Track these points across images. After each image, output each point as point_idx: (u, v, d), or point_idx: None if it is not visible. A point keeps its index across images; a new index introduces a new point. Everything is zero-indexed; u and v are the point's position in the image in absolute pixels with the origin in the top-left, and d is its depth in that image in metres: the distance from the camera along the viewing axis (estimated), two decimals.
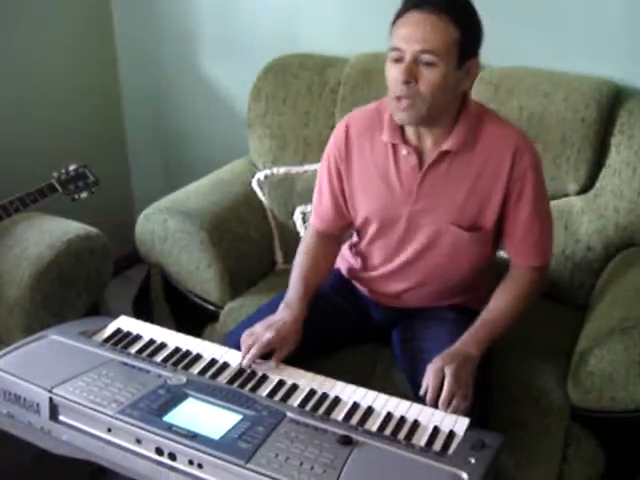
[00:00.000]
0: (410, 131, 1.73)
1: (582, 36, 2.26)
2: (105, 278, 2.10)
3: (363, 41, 2.46)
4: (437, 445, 1.41)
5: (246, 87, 2.56)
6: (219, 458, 1.32)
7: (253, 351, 1.64)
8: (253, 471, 1.29)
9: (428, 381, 1.55)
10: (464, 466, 1.34)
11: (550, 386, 1.81)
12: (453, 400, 1.52)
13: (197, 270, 2.15)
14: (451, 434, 1.45)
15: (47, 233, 2.04)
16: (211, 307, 2.18)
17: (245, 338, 1.68)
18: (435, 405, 1.53)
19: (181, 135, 3.05)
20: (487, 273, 1.89)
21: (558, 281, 2.15)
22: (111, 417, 1.41)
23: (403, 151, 1.74)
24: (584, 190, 2.14)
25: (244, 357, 1.64)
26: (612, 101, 2.11)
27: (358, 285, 1.97)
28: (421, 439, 1.43)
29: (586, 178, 2.12)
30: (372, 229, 1.84)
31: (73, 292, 2.01)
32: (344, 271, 1.99)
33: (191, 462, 1.35)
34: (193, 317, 2.21)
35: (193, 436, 1.36)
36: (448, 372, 1.54)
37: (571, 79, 2.16)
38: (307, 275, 1.83)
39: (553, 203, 2.14)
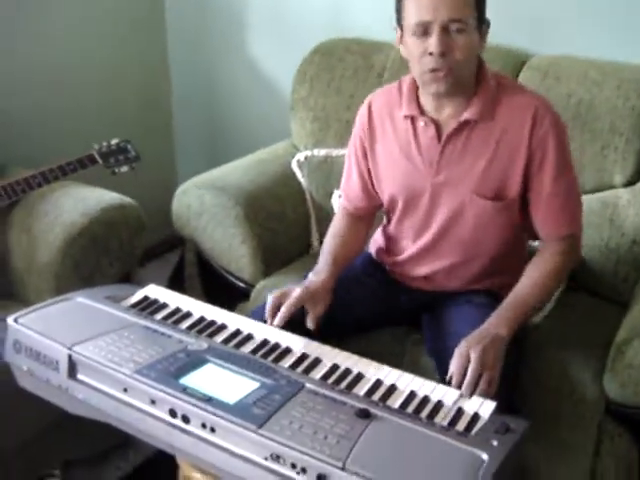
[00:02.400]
0: (428, 103, 1.73)
1: (634, 26, 2.19)
2: (138, 249, 2.10)
3: None
4: (460, 426, 1.36)
5: (293, 70, 2.56)
6: (232, 422, 1.29)
7: (284, 309, 1.61)
8: (265, 437, 1.25)
9: (453, 366, 1.51)
10: (485, 447, 1.27)
11: (585, 379, 1.74)
12: (479, 384, 1.47)
13: (230, 246, 2.14)
14: (475, 416, 1.40)
15: (82, 201, 2.05)
16: (243, 285, 2.16)
17: (273, 297, 1.64)
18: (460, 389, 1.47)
19: (227, 116, 3.06)
20: (518, 258, 1.83)
21: (601, 275, 2.07)
22: (127, 376, 1.39)
23: (420, 122, 1.73)
24: (631, 182, 2.06)
25: (272, 317, 1.61)
26: None
27: (388, 268, 1.94)
28: (444, 419, 1.38)
29: (634, 169, 2.05)
30: (399, 207, 1.83)
31: (105, 260, 2.02)
32: (374, 254, 1.97)
33: (204, 425, 1.32)
34: (225, 295, 2.20)
35: (207, 399, 1.33)
36: (473, 356, 1.49)
37: (622, 68, 2.10)
38: (336, 251, 1.83)
39: (599, 195, 2.10)
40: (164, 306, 1.71)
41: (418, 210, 1.80)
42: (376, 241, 1.97)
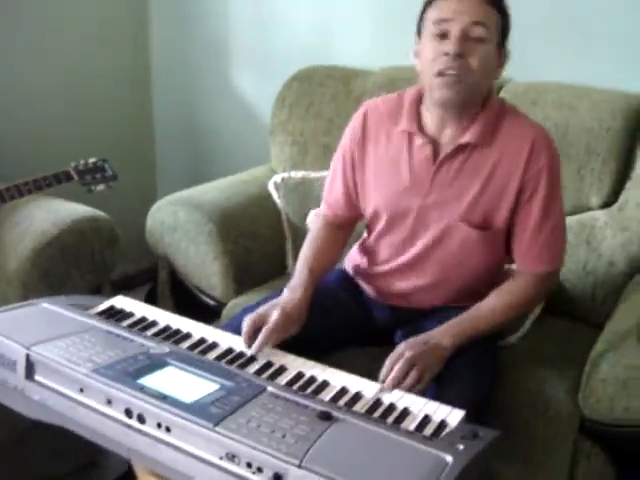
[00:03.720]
0: (430, 120, 1.68)
1: (608, 51, 2.22)
2: (111, 262, 2.08)
3: (391, 57, 2.43)
4: (426, 432, 1.32)
5: (273, 97, 2.56)
6: (187, 420, 1.25)
7: (261, 337, 1.55)
8: (220, 434, 1.22)
9: (387, 361, 1.52)
10: (450, 450, 1.23)
11: (559, 395, 1.70)
12: (405, 380, 1.48)
13: (203, 263, 2.12)
14: (442, 424, 1.36)
15: (54, 212, 2.05)
16: (214, 303, 2.13)
17: (249, 320, 1.59)
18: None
19: (208, 141, 3.07)
20: (499, 278, 1.79)
21: (579, 298, 2.05)
22: (84, 375, 1.36)
23: (418, 140, 1.69)
24: (608, 204, 2.05)
25: (248, 340, 1.56)
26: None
27: (364, 285, 1.90)
28: (410, 425, 1.34)
29: (610, 190, 2.04)
30: (381, 223, 1.78)
31: (75, 272, 2.00)
32: (350, 270, 1.93)
33: (159, 425, 1.28)
34: (196, 313, 2.15)
35: (163, 397, 1.30)
36: (406, 355, 1.51)
37: (597, 92, 2.11)
38: (312, 263, 1.78)
39: (575, 217, 2.08)
40: (130, 315, 1.68)
41: (402, 228, 1.76)
42: (352, 258, 1.93)
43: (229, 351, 1.56)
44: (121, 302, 1.73)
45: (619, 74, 2.19)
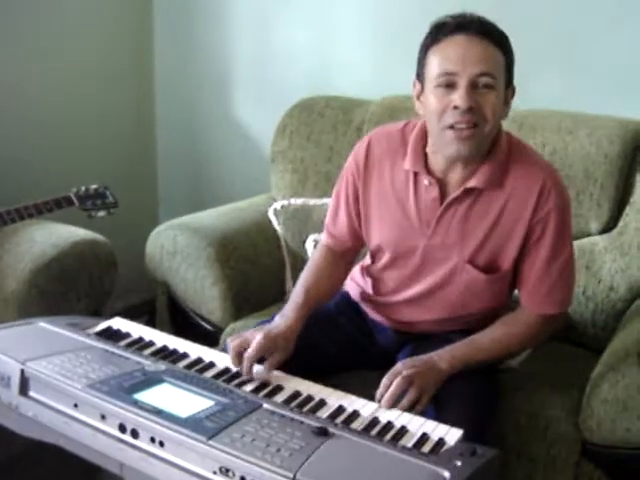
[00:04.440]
0: (437, 162, 1.63)
1: (607, 80, 2.25)
2: (109, 287, 2.07)
3: (391, 86, 2.46)
4: (424, 449, 1.30)
5: (275, 127, 2.58)
6: (181, 434, 1.23)
7: (245, 362, 1.51)
8: (214, 448, 1.20)
9: (384, 379, 1.49)
10: (448, 466, 1.21)
11: (560, 417, 1.69)
12: (402, 400, 1.45)
13: (202, 288, 2.12)
14: (440, 442, 1.34)
15: (54, 235, 2.06)
16: (213, 328, 2.12)
17: (232, 341, 1.57)
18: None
19: (210, 171, 3.09)
20: (506, 310, 1.76)
21: (579, 324, 2.04)
22: (79, 390, 1.35)
23: (425, 181, 1.64)
24: (607, 229, 2.05)
25: (238, 364, 1.53)
26: (638, 137, 2.05)
27: (369, 310, 1.87)
28: (408, 443, 1.31)
29: (609, 215, 2.04)
30: (386, 257, 1.76)
31: (73, 294, 2.00)
32: (353, 294, 1.90)
33: (153, 439, 1.26)
34: (195, 340, 2.14)
35: (158, 412, 1.28)
36: (403, 373, 1.48)
37: (595, 118, 2.12)
38: (308, 289, 1.74)
39: (575, 243, 2.06)
40: (127, 335, 1.67)
41: (406, 266, 1.73)
42: (355, 282, 1.89)
43: (226, 370, 1.54)
44: (118, 323, 1.73)
45: (615, 102, 2.21)
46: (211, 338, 2.11)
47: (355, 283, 1.90)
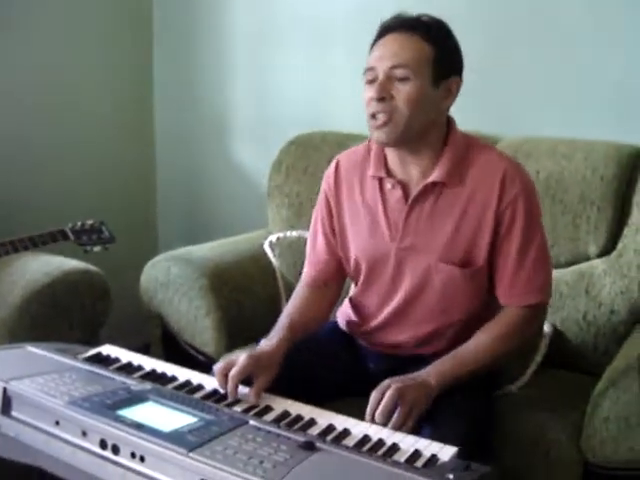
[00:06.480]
0: (395, 163, 1.69)
1: (599, 106, 2.25)
2: (102, 316, 2.05)
3: None
4: (417, 464, 1.25)
5: (271, 164, 2.60)
6: (162, 447, 1.20)
7: (230, 383, 1.49)
8: (195, 460, 1.16)
9: (371, 397, 1.47)
10: (440, 479, 1.17)
11: (561, 440, 1.64)
12: (393, 418, 1.42)
13: (195, 319, 2.09)
14: (434, 458, 1.29)
15: (47, 264, 2.06)
16: (206, 360, 2.08)
17: (218, 368, 1.55)
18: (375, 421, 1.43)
19: (208, 207, 3.11)
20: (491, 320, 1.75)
21: (580, 349, 1.99)
22: (61, 407, 1.32)
23: (388, 185, 1.69)
24: (605, 252, 2.02)
25: (225, 387, 1.51)
26: (633, 160, 2.04)
27: (355, 337, 1.86)
28: (399, 459, 1.27)
29: (607, 238, 2.01)
30: (363, 272, 1.77)
31: (65, 323, 1.98)
32: (343, 326, 1.89)
33: (133, 455, 1.23)
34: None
35: (139, 426, 1.25)
36: (392, 387, 1.46)
37: (590, 143, 2.12)
38: (292, 316, 1.76)
39: (573, 267, 2.05)
40: (116, 360, 1.65)
41: (383, 276, 1.74)
42: (344, 313, 1.89)
43: (214, 392, 1.51)
44: (109, 350, 1.70)
45: (610, 128, 2.21)
46: (205, 371, 2.07)
47: (345, 314, 1.89)
